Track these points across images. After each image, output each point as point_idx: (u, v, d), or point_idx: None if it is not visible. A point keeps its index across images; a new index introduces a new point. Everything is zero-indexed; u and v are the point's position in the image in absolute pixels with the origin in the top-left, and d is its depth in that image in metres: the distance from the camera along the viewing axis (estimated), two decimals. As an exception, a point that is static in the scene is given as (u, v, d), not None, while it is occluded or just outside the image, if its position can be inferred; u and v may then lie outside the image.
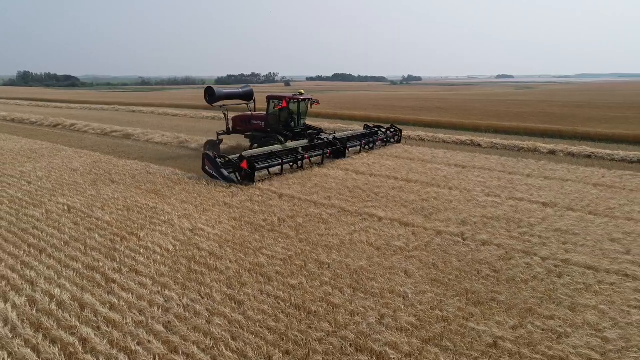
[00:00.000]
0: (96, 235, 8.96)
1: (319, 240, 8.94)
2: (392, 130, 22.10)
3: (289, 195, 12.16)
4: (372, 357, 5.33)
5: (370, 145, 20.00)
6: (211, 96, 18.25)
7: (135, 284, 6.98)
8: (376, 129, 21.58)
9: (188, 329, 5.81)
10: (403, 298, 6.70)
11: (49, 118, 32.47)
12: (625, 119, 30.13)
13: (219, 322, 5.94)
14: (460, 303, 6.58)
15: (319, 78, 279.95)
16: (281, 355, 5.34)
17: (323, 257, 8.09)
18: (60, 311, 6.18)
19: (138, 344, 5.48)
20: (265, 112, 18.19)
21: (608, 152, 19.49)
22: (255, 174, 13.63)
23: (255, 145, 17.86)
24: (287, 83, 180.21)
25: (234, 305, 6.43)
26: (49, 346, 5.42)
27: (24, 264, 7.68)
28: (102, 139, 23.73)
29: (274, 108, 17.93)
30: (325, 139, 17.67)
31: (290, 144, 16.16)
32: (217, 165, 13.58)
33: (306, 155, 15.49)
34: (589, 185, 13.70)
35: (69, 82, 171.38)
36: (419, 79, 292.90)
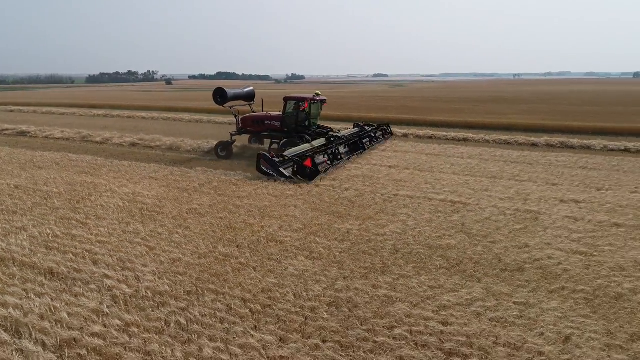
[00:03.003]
0: (55, 200, 11.35)
1: (232, 194, 12.42)
2: (383, 128, 24.00)
3: (202, 169, 15.30)
4: (277, 243, 9.01)
5: (374, 143, 21.23)
6: (223, 97, 18.57)
7: (106, 224, 9.80)
8: (366, 128, 22.64)
9: (157, 240, 8.95)
10: (294, 218, 10.51)
11: None
12: (461, 110, 37.99)
13: (177, 236, 9.19)
14: (329, 217, 10.60)
15: (202, 77, 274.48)
16: (222, 245, 8.77)
17: (238, 202, 11.59)
18: (58, 239, 8.86)
19: (127, 248, 8.50)
20: (279, 113, 18.73)
21: (444, 133, 25.67)
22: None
23: (274, 145, 18.60)
24: (169, 82, 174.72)
25: (183, 229, 9.66)
26: (63, 255, 8.18)
27: (5, 220, 9.94)
28: (-5, 137, 23.91)
29: (292, 109, 18.45)
30: (343, 136, 19.04)
31: (315, 143, 17.15)
32: (275, 165, 14.26)
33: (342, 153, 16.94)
34: (423, 154, 19.03)
35: None
36: (302, 77, 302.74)
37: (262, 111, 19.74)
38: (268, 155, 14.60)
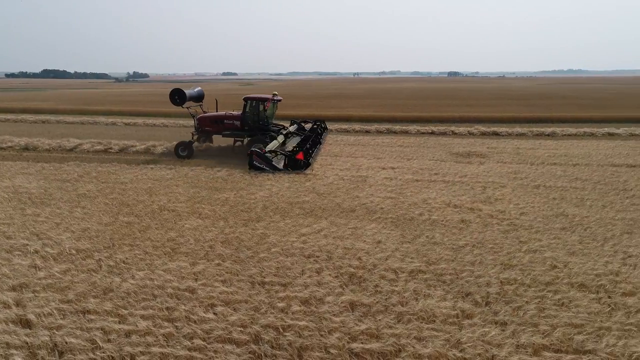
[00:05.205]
0: None
1: (115, 180, 13.88)
2: (317, 123, 25.43)
3: (75, 163, 16.05)
4: (170, 211, 11.03)
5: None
6: (182, 99, 18.81)
7: (1, 211, 10.64)
8: (303, 124, 24.37)
9: (60, 218, 10.27)
10: (179, 194, 12.58)
11: None
12: (308, 105, 42.67)
13: (78, 213, 10.62)
14: (208, 191, 12.92)
15: (24, 75, 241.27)
16: (122, 216, 10.51)
17: (123, 187, 13.17)
18: (-41, 225, 9.60)
19: (35, 226, 9.72)
20: (238, 112, 19.49)
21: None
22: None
23: (238, 143, 19.75)
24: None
25: (81, 208, 11.05)
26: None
27: None
28: None
29: (251, 108, 19.30)
30: (297, 132, 20.39)
31: (280, 139, 18.61)
32: (268, 159, 15.56)
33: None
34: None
35: None
36: (146, 75, 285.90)
37: (217, 111, 20.43)
38: (260, 151, 15.72)
